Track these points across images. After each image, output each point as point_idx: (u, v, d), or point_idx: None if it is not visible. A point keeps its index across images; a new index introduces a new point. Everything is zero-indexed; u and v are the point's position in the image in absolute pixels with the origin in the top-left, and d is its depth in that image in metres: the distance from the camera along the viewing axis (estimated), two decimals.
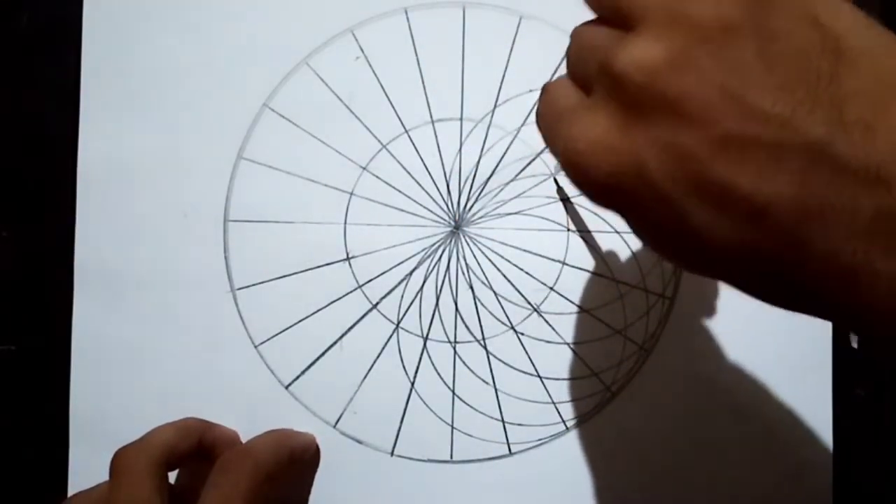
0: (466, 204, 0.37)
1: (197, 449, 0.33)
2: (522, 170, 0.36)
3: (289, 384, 0.36)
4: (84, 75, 0.37)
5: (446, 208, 0.37)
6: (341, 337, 0.36)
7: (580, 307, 0.36)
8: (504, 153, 0.37)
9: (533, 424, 0.36)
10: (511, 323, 0.36)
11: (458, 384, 0.36)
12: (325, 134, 0.37)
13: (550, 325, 0.36)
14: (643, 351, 0.36)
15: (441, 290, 0.36)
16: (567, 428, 0.36)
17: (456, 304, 0.36)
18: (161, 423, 0.36)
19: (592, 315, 0.36)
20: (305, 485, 0.36)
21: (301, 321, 0.36)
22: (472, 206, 0.37)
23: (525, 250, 0.36)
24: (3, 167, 0.37)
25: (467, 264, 0.36)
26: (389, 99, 0.37)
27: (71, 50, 0.37)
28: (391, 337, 0.36)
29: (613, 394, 0.36)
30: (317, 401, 0.36)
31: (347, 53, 0.37)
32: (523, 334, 0.36)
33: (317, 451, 0.36)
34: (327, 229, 0.37)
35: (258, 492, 0.30)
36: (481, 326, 0.36)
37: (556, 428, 0.36)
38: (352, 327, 0.36)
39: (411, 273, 0.36)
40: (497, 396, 0.36)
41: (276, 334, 0.36)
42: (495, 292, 0.36)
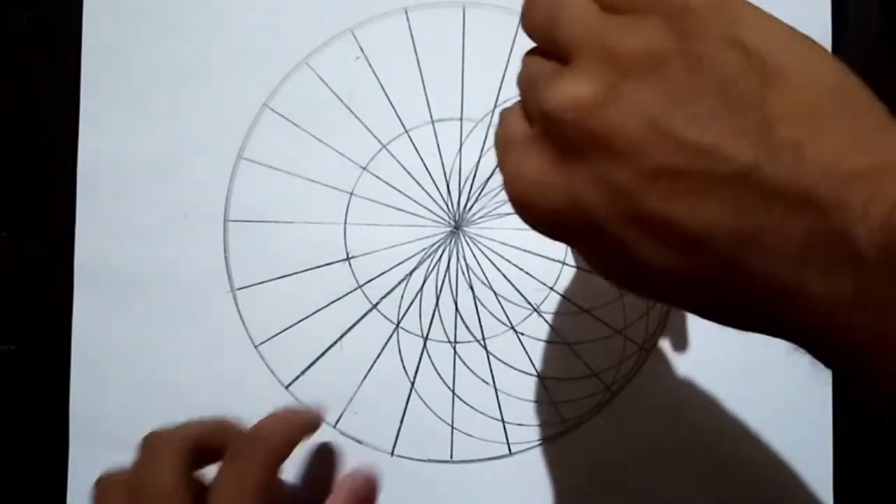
0: (466, 204, 0.37)
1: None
2: None
3: (289, 384, 0.36)
4: (84, 75, 0.37)
5: (446, 208, 0.37)
6: (341, 337, 0.36)
7: (580, 307, 0.36)
8: None
9: (533, 424, 0.36)
10: (511, 323, 0.36)
11: (458, 384, 0.36)
12: (325, 134, 0.37)
13: (550, 325, 0.36)
14: (643, 351, 0.36)
15: (441, 290, 0.36)
16: (567, 428, 0.36)
17: (456, 304, 0.36)
18: (161, 423, 0.35)
19: (592, 315, 0.36)
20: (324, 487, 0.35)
21: (301, 321, 0.36)
22: (472, 206, 0.37)
23: (525, 250, 0.36)
24: (3, 167, 0.37)
25: (467, 264, 0.36)
26: (389, 99, 0.37)
27: (71, 50, 0.37)
28: (391, 337, 0.36)
29: (613, 394, 0.36)
30: (317, 401, 0.36)
31: (347, 53, 0.37)
32: (523, 334, 0.36)
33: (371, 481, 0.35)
34: (327, 229, 0.37)
35: (271, 475, 0.30)
36: (481, 326, 0.36)
37: (556, 428, 0.36)
38: (352, 327, 0.36)
39: (411, 273, 0.36)
40: (497, 396, 0.36)
41: (276, 334, 0.36)
42: (495, 292, 0.36)
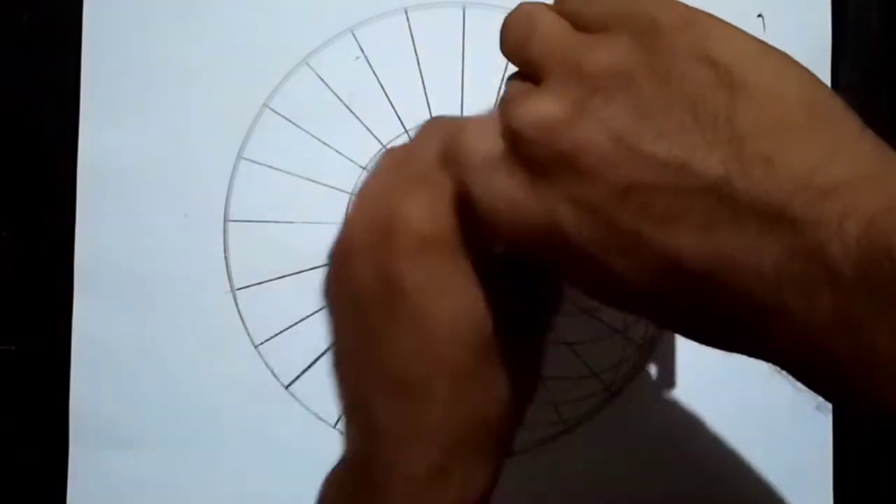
0: None
1: None
2: None
3: (289, 384, 0.36)
4: (84, 75, 0.37)
5: None
6: None
7: (580, 307, 0.36)
8: None
9: (533, 424, 0.36)
10: None
11: None
12: (325, 134, 0.37)
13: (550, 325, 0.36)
14: (643, 351, 0.36)
15: None
16: (567, 428, 0.36)
17: None
18: (161, 423, 0.36)
19: (592, 315, 0.36)
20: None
21: (301, 321, 0.36)
22: None
23: None
24: (3, 167, 0.37)
25: None
26: (389, 99, 0.37)
27: (71, 50, 0.37)
28: None
29: (613, 394, 0.36)
30: (317, 401, 0.36)
31: (347, 53, 0.37)
32: None
33: None
34: (327, 229, 0.36)
35: None
36: None
37: (556, 428, 0.36)
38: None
39: None
40: None
41: (276, 334, 0.36)
42: None
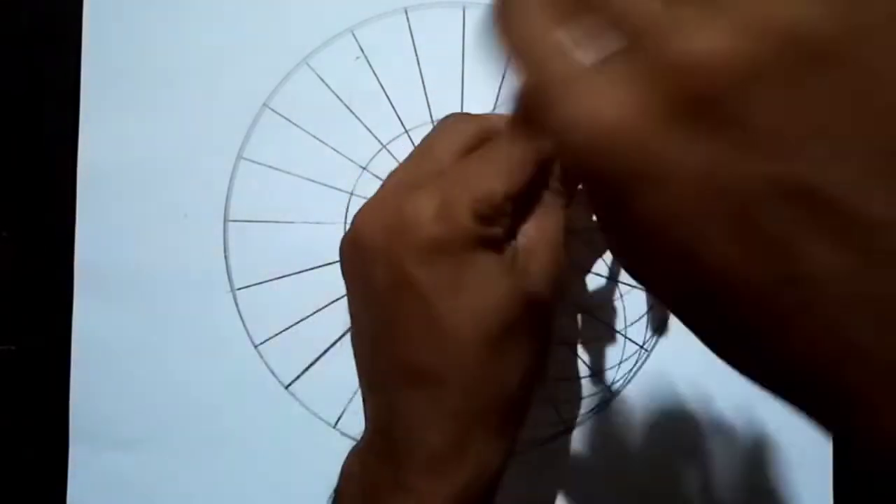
0: None
1: None
2: None
3: (289, 384, 0.36)
4: (84, 75, 0.37)
5: None
6: (341, 337, 0.36)
7: (580, 307, 0.36)
8: None
9: (532, 425, 0.36)
10: None
11: None
12: (325, 134, 0.37)
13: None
14: (643, 351, 0.36)
15: None
16: (567, 428, 0.36)
17: None
18: (161, 423, 0.36)
19: (592, 315, 0.36)
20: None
21: (301, 321, 0.36)
22: None
23: None
24: (3, 167, 0.37)
25: None
26: (389, 99, 0.37)
27: (71, 50, 0.37)
28: None
29: (613, 394, 0.36)
30: (317, 401, 0.36)
31: (347, 53, 0.37)
32: None
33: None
34: (327, 229, 0.37)
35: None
36: None
37: (556, 428, 0.36)
38: (350, 337, 0.36)
39: None
40: None
41: (276, 334, 0.36)
42: None
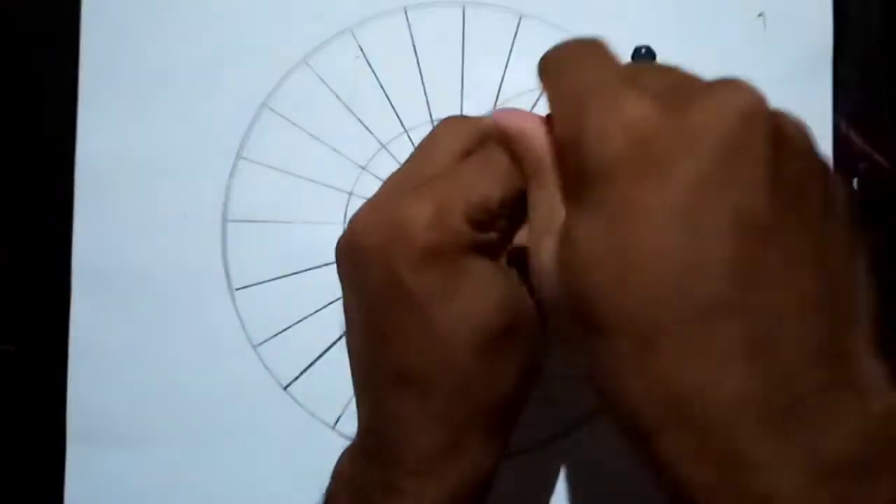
0: None
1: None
2: None
3: (287, 385, 0.36)
4: (83, 75, 0.37)
5: None
6: (341, 337, 0.36)
7: None
8: None
9: (533, 424, 0.36)
10: None
11: None
12: (325, 134, 0.37)
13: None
14: None
15: None
16: (567, 428, 0.36)
17: None
18: (159, 423, 0.36)
19: None
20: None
21: (300, 321, 0.36)
22: None
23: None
24: (3, 167, 0.37)
25: None
26: (389, 99, 0.37)
27: (71, 50, 0.37)
28: None
29: None
30: (315, 401, 0.36)
31: (347, 53, 0.37)
32: None
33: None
34: (327, 229, 0.36)
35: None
36: None
37: (556, 428, 0.36)
38: (345, 338, 0.36)
39: None
40: None
41: (275, 335, 0.36)
42: None
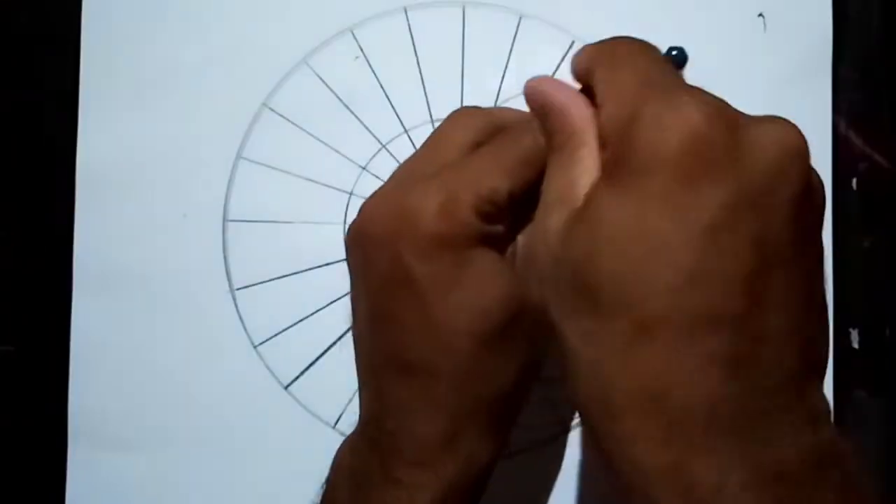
0: None
1: None
2: None
3: (288, 384, 0.36)
4: (83, 75, 0.37)
5: None
6: (341, 337, 0.36)
7: None
8: None
9: (533, 424, 0.36)
10: None
11: None
12: (325, 134, 0.37)
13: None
14: None
15: None
16: (567, 428, 0.36)
17: None
18: (160, 424, 0.36)
19: None
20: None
21: (300, 321, 0.36)
22: None
23: None
24: (3, 167, 0.37)
25: None
26: (389, 99, 0.37)
27: (71, 50, 0.37)
28: None
29: None
30: (316, 401, 0.36)
31: (347, 53, 0.37)
32: None
33: None
34: (327, 229, 0.36)
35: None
36: None
37: (556, 428, 0.36)
38: (351, 327, 0.36)
39: None
40: None
41: (276, 334, 0.36)
42: None
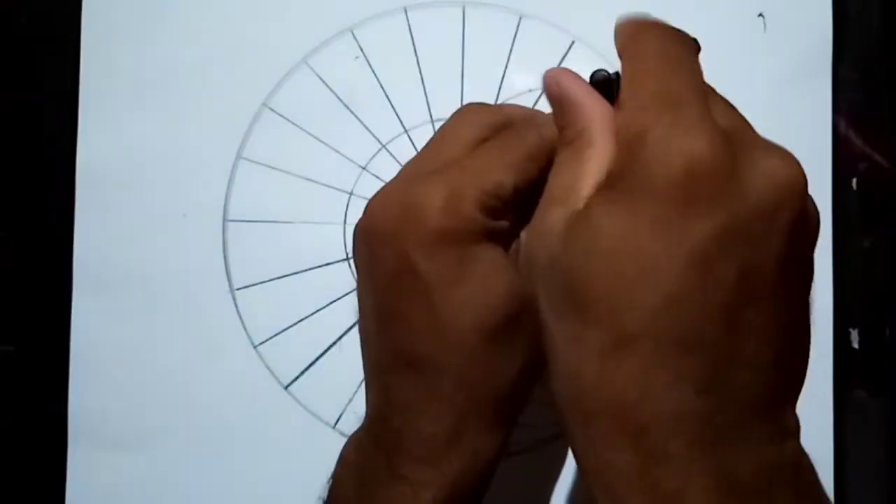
0: None
1: None
2: None
3: (288, 384, 0.36)
4: (83, 75, 0.37)
5: None
6: (341, 337, 0.36)
7: None
8: None
9: (533, 424, 0.36)
10: None
11: None
12: (325, 134, 0.37)
13: None
14: None
15: None
16: None
17: None
18: (160, 423, 0.36)
19: None
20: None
21: (300, 321, 0.36)
22: None
23: None
24: (3, 167, 0.37)
25: None
26: (389, 99, 0.37)
27: (71, 50, 0.37)
28: None
29: None
30: (316, 401, 0.36)
31: (347, 53, 0.37)
32: None
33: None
34: (327, 229, 0.36)
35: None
36: None
37: (556, 428, 0.36)
38: (351, 327, 0.36)
39: None
40: None
41: (276, 334, 0.36)
42: None
